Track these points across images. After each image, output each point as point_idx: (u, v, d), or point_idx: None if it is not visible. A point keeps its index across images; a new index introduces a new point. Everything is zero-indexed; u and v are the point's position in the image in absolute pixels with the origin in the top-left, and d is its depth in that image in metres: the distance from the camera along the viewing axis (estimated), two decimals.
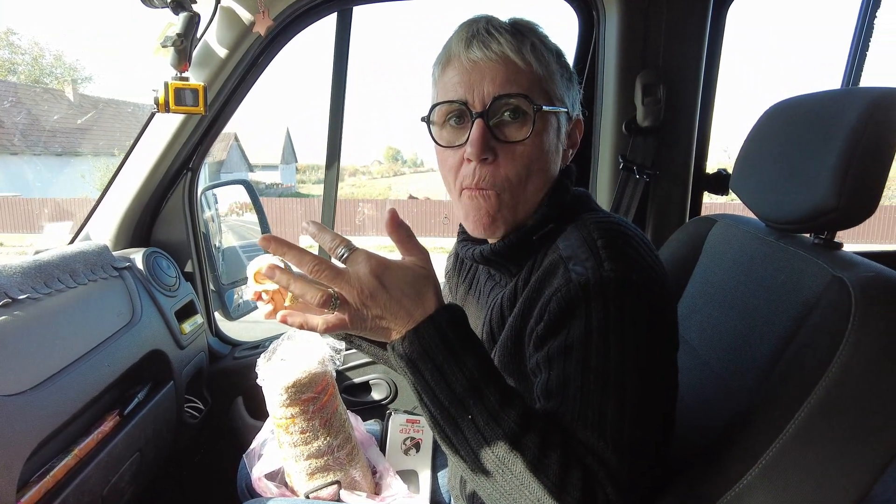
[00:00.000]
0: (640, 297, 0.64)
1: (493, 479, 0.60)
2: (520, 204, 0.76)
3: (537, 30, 0.76)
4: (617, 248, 0.67)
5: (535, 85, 0.73)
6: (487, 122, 0.72)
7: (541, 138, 0.74)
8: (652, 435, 0.64)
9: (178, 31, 1.13)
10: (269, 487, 1.08)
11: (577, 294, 0.64)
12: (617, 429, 0.60)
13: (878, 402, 0.66)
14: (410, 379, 0.62)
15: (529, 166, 0.74)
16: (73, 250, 1.20)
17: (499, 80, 0.71)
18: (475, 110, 0.72)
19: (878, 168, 0.75)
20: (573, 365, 0.63)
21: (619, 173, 1.47)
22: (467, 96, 0.72)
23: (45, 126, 13.26)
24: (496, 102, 0.71)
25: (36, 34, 62.44)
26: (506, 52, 0.71)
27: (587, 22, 1.52)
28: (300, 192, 27.21)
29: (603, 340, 0.62)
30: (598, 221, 0.72)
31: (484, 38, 0.72)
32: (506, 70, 0.71)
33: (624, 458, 0.59)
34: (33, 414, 0.91)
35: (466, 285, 0.96)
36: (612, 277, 0.64)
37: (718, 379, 0.90)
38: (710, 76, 1.47)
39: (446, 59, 0.76)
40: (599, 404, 0.61)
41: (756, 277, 0.90)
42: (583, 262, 0.67)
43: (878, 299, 0.68)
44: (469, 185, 0.74)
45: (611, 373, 0.62)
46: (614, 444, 0.60)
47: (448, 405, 0.61)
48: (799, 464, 0.67)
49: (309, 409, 1.03)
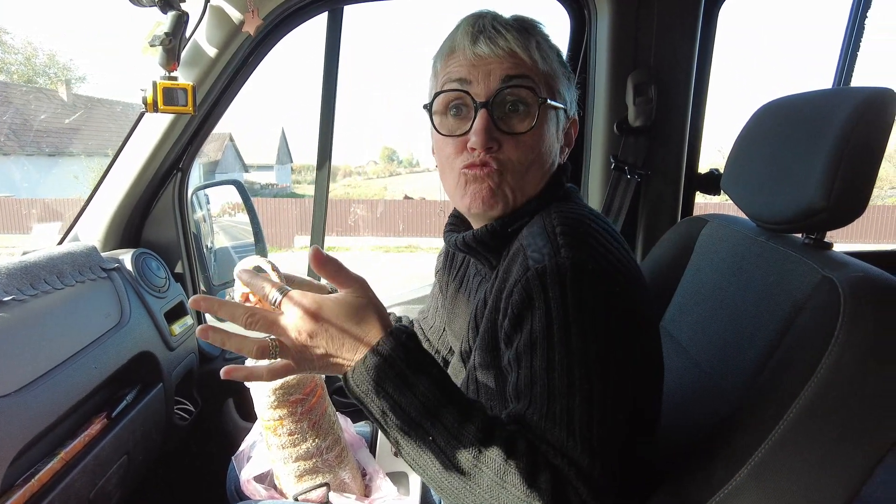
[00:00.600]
0: (598, 284, 0.64)
1: (461, 495, 0.59)
2: (518, 189, 0.76)
3: (541, 28, 0.78)
4: (575, 236, 0.67)
5: (539, 80, 0.74)
6: (491, 113, 0.73)
7: (543, 130, 0.75)
8: (622, 428, 0.62)
9: (167, 30, 1.12)
10: (257, 490, 1.07)
11: (534, 283, 0.64)
12: (586, 426, 0.59)
13: (867, 402, 0.66)
14: (366, 410, 0.62)
15: (531, 156, 0.75)
16: (61, 251, 1.19)
17: (506, 65, 0.73)
18: (479, 100, 0.73)
19: (867, 168, 0.75)
20: (538, 362, 0.63)
21: (610, 173, 1.47)
22: (471, 79, 0.73)
23: (37, 126, 13.18)
24: (501, 92, 0.72)
25: (36, 33, 62.20)
26: (512, 48, 0.72)
27: (579, 22, 1.52)
28: (295, 193, 27.13)
29: (564, 333, 0.62)
30: (561, 211, 0.72)
31: (491, 34, 0.73)
32: (512, 63, 0.73)
33: (595, 457, 0.58)
34: (18, 416, 0.90)
35: (457, 283, 0.95)
36: (567, 265, 0.63)
37: (708, 379, 0.89)
38: (701, 76, 1.47)
39: (450, 51, 0.76)
40: (567, 402, 0.60)
41: (746, 278, 0.90)
42: (540, 250, 0.67)
43: (867, 299, 0.68)
44: (471, 164, 0.75)
45: (575, 367, 0.61)
46: (584, 442, 0.59)
47: (407, 430, 0.60)
48: (788, 465, 0.67)
49: (297, 411, 1.02)
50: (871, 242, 12.22)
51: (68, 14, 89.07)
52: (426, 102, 0.79)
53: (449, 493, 0.60)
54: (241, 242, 2.02)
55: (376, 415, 0.61)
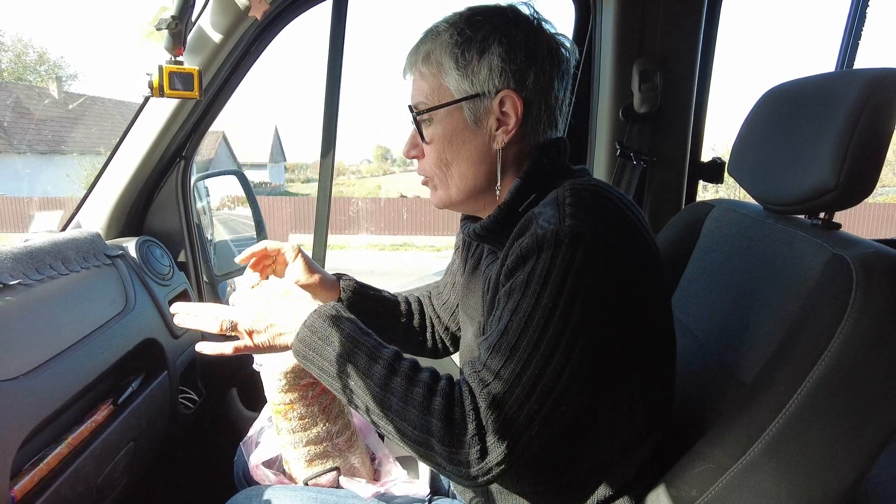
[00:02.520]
0: (593, 256, 0.65)
1: (383, 422, 0.69)
2: (450, 187, 0.84)
3: (437, 28, 0.81)
4: (583, 206, 0.68)
5: (433, 88, 0.81)
6: (417, 125, 0.84)
7: (443, 133, 0.81)
8: (558, 386, 0.64)
9: (173, 13, 1.11)
10: (266, 475, 1.06)
11: (532, 245, 0.67)
12: (519, 370, 0.64)
13: (879, 378, 0.66)
14: (306, 359, 0.74)
15: (442, 158, 0.83)
16: (65, 237, 1.18)
17: (411, 91, 0.84)
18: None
19: (876, 148, 0.76)
20: (509, 305, 0.68)
21: (615, 160, 1.47)
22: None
23: (29, 123, 13.06)
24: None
25: (25, 29, 61.57)
26: (409, 69, 0.84)
27: (584, 8, 1.52)
28: (289, 191, 27.05)
29: (539, 286, 0.65)
30: (574, 183, 0.72)
31: (408, 60, 0.85)
32: (414, 82, 0.84)
33: (511, 391, 0.64)
34: (26, 400, 0.89)
35: (474, 262, 0.98)
36: (566, 231, 0.65)
37: (718, 361, 0.90)
38: (705, 63, 1.47)
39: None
40: (514, 343, 0.65)
41: (755, 259, 0.91)
42: (549, 219, 0.68)
43: (880, 276, 0.68)
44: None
45: (535, 318, 0.64)
46: (508, 378, 0.64)
47: (333, 378, 0.72)
48: (801, 441, 0.67)
49: (308, 395, 1.02)
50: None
51: (61, 11, 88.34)
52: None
53: (377, 422, 0.70)
54: (240, 236, 2.02)
55: (316, 375, 0.74)
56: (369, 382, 0.69)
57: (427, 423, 0.65)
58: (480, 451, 0.63)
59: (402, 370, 0.69)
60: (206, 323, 0.80)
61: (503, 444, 0.63)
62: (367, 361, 0.70)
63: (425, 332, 1.12)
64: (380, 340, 0.74)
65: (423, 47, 0.82)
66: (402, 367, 0.70)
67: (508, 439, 0.63)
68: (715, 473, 0.72)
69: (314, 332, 0.74)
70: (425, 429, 0.65)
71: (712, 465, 0.73)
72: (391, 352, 0.72)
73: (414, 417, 0.66)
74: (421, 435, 0.66)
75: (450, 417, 0.65)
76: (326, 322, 0.74)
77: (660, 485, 0.79)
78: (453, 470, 0.65)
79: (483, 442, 0.63)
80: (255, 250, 0.98)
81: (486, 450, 0.63)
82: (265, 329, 0.77)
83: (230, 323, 0.78)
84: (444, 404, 0.65)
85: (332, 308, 0.76)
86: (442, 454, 0.65)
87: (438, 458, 0.66)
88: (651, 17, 1.38)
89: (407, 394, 0.67)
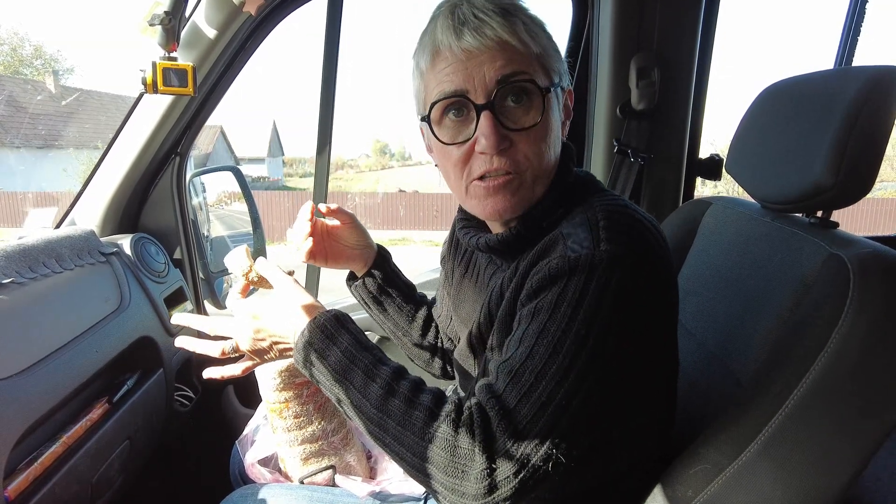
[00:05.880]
0: (630, 279, 0.62)
1: (380, 440, 0.66)
2: (538, 181, 0.73)
3: (521, 5, 0.73)
4: (618, 230, 0.65)
5: (535, 65, 0.70)
6: (495, 112, 0.69)
7: (549, 117, 0.72)
8: (584, 416, 0.60)
9: (166, 8, 1.09)
10: (262, 473, 1.06)
11: (563, 267, 0.63)
12: (545, 399, 0.60)
13: (876, 377, 0.66)
14: (309, 374, 0.72)
15: (543, 145, 0.71)
16: (59, 235, 1.17)
17: (499, 64, 0.68)
18: (478, 102, 0.69)
19: (875, 146, 0.75)
20: (534, 325, 0.63)
21: (613, 157, 1.46)
22: (467, 86, 0.69)
23: (25, 118, 13.00)
24: (501, 88, 0.68)
25: (22, 23, 61.25)
26: (501, 36, 0.67)
27: (581, 3, 1.51)
28: (287, 186, 26.99)
29: (571, 310, 0.61)
30: (605, 204, 0.69)
31: (475, 24, 0.67)
32: (503, 54, 0.68)
33: (534, 423, 0.59)
34: (20, 399, 0.89)
35: (462, 268, 0.94)
36: (603, 257, 0.62)
37: (715, 360, 0.90)
38: (703, 60, 1.46)
39: (434, 51, 0.71)
40: (540, 369, 0.61)
41: (752, 257, 0.90)
42: (580, 241, 0.65)
43: (877, 275, 0.68)
44: (483, 175, 0.72)
45: (566, 344, 0.60)
46: (531, 408, 0.60)
47: (332, 392, 0.70)
48: (797, 440, 0.67)
49: (303, 394, 1.02)
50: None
51: (58, 6, 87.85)
52: (423, 114, 0.75)
53: (376, 443, 0.67)
54: (237, 232, 2.01)
55: (317, 375, 0.71)
56: (365, 403, 0.66)
57: (426, 452, 0.61)
58: (489, 486, 0.59)
59: (400, 391, 0.65)
60: (208, 349, 0.80)
61: (515, 479, 0.59)
62: (363, 380, 0.67)
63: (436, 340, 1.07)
64: (380, 356, 0.70)
65: (517, 17, 0.69)
66: (401, 387, 0.66)
67: (522, 474, 0.59)
68: (711, 473, 0.72)
69: (311, 345, 0.71)
70: (424, 457, 0.61)
71: (708, 465, 0.72)
72: (390, 370, 0.68)
73: (412, 443, 0.62)
74: (419, 462, 0.62)
75: (454, 447, 0.60)
76: (323, 334, 0.71)
77: (656, 485, 0.79)
78: (453, 500, 0.61)
79: (492, 477, 0.59)
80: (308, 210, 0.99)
81: (496, 486, 0.59)
82: (269, 348, 0.77)
83: (231, 347, 0.79)
84: (449, 433, 0.61)
85: (330, 319, 0.72)
86: (444, 484, 0.61)
87: (438, 486, 0.62)
88: (649, 13, 1.37)
89: (405, 418, 0.63)
